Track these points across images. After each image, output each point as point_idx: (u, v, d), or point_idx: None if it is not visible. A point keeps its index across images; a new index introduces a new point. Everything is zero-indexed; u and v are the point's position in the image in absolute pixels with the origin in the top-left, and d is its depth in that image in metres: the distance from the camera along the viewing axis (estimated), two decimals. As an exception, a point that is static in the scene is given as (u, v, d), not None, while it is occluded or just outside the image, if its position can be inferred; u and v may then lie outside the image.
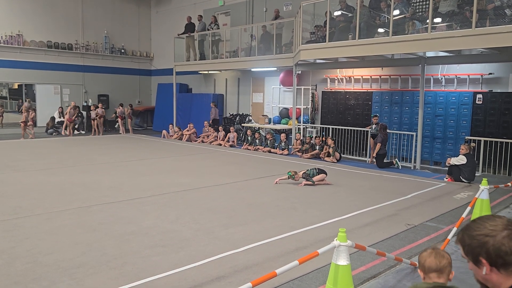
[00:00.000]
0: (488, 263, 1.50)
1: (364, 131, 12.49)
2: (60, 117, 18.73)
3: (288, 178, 8.52)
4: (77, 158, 11.59)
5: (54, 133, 18.10)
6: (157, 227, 5.68)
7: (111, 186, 8.19)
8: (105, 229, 5.56)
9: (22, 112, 16.98)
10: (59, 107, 18.97)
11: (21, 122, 16.27)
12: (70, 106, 18.03)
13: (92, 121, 18.48)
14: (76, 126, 18.87)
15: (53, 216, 6.09)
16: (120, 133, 18.72)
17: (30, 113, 16.73)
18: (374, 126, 11.82)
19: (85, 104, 20.13)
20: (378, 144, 11.05)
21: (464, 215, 5.13)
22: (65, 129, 18.05)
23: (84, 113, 19.74)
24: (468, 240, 1.57)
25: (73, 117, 18.13)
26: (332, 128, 13.48)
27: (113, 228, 5.61)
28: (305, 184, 8.48)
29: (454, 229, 4.95)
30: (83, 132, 19.11)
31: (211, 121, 17.27)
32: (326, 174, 8.72)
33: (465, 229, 1.59)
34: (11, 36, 18.06)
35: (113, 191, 7.73)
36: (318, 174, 8.58)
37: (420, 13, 9.96)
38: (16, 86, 21.76)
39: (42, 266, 4.31)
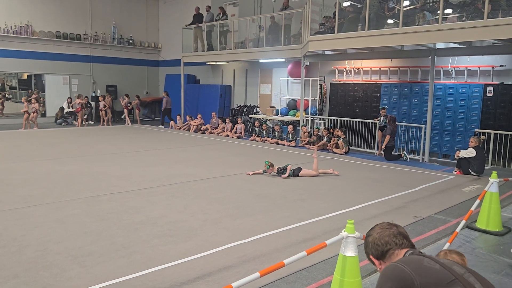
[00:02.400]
0: (375, 258, 1.97)
1: (372, 123, 12.42)
2: (69, 108, 18.85)
3: (264, 168, 8.55)
4: (85, 148, 11.67)
5: (63, 123, 18.23)
6: (165, 217, 5.72)
7: (119, 176, 8.25)
8: (114, 218, 5.61)
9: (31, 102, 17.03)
10: (68, 98, 19.09)
11: (24, 112, 16.26)
12: (80, 98, 18.04)
13: (100, 112, 18.58)
14: (85, 117, 18.99)
15: (62, 205, 6.16)
16: (128, 124, 18.79)
17: (33, 103, 16.79)
18: (382, 118, 11.75)
19: (93, 94, 20.23)
20: (387, 136, 10.98)
21: (473, 208, 5.09)
22: (76, 120, 18.21)
23: (93, 103, 19.84)
24: (364, 245, 2.04)
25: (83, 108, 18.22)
26: (340, 120, 13.42)
27: (121, 217, 5.66)
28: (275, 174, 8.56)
29: (463, 222, 4.92)
30: (92, 122, 19.23)
31: (162, 110, 17.47)
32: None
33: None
34: (20, 26, 18.14)
35: (121, 181, 7.79)
36: (293, 176, 8.50)
37: (430, 4, 9.83)
38: (25, 77, 21.87)
39: (53, 254, 4.37)
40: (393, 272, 1.73)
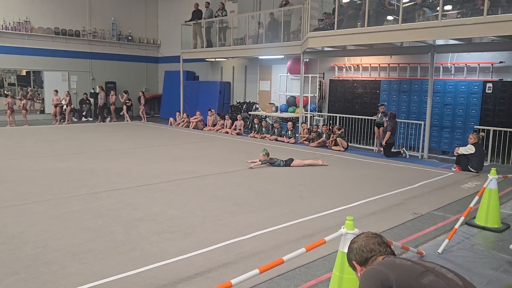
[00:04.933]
0: (357, 264, 2.11)
1: (371, 119, 12.41)
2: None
3: (260, 157, 9.21)
4: (84, 145, 11.67)
5: (62, 120, 18.19)
6: (164, 213, 5.72)
7: (119, 172, 8.25)
8: (113, 215, 5.62)
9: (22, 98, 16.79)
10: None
11: (8, 108, 15.89)
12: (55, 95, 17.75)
13: (99, 108, 18.53)
14: (84, 113, 18.97)
15: (62, 202, 6.16)
16: (127, 120, 18.77)
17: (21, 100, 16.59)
18: (380, 115, 11.75)
19: (92, 91, 20.19)
20: (388, 132, 10.96)
21: (471, 205, 5.10)
22: (75, 116, 18.10)
23: (92, 100, 19.80)
24: (347, 251, 2.20)
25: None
26: (340, 117, 13.42)
27: (121, 214, 5.66)
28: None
29: (462, 219, 4.93)
30: (91, 119, 19.20)
31: (100, 106, 17.66)
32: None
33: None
34: (19, 22, 18.07)
35: (121, 178, 7.79)
36: (284, 166, 9.18)
37: (430, 0, 9.81)
38: (24, 73, 21.83)
39: (52, 251, 4.38)
40: (371, 274, 1.95)
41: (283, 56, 15.32)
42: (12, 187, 6.96)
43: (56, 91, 17.51)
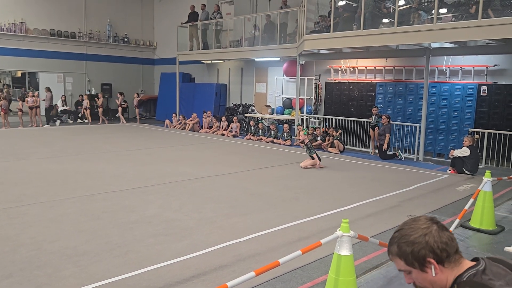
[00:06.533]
0: (436, 261, 1.49)
1: (367, 122, 12.45)
2: (63, 106, 18.75)
3: (303, 136, 9.83)
4: (80, 147, 11.62)
5: (57, 121, 18.11)
6: (160, 216, 5.71)
7: (114, 174, 8.22)
8: (109, 217, 5.59)
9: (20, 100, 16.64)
10: (62, 95, 18.98)
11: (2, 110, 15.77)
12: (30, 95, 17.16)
13: (84, 110, 18.42)
14: (79, 115, 18.90)
15: (56, 204, 6.13)
16: (123, 122, 18.71)
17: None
18: (374, 117, 11.78)
19: (88, 92, 20.12)
20: (387, 135, 10.97)
21: (466, 207, 5.13)
22: (70, 118, 18.03)
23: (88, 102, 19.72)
24: (409, 247, 1.50)
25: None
26: (335, 119, 13.45)
27: (116, 216, 5.64)
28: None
29: (457, 221, 4.96)
30: (86, 121, 19.12)
31: (47, 108, 17.35)
32: (319, 159, 9.53)
33: (397, 240, 1.54)
34: (14, 24, 17.99)
35: (116, 180, 7.76)
36: (312, 156, 9.42)
37: (425, 4, 9.87)
38: (19, 74, 21.72)
39: (47, 254, 4.35)
40: None
41: (279, 59, 15.34)
42: (6, 189, 6.92)
43: (32, 91, 17.21)
